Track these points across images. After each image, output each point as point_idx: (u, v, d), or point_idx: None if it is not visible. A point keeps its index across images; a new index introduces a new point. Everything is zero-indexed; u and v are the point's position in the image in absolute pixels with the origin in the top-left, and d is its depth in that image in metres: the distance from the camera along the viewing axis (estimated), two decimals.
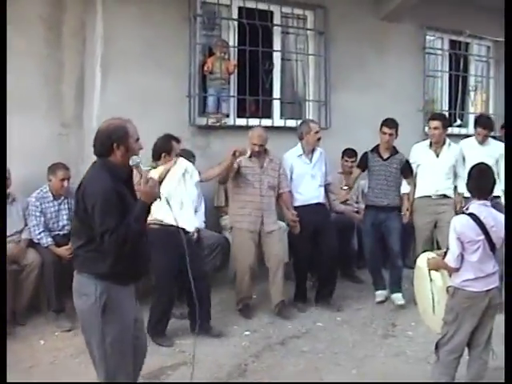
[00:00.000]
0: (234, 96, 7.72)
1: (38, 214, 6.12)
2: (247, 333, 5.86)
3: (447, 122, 6.96)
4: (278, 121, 8.07)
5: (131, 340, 3.64)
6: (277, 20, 8.04)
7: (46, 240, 6.05)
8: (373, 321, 6.26)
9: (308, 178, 6.67)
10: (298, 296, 6.74)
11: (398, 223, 6.84)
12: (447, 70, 9.60)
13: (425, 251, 5.08)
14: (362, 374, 4.97)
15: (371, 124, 6.98)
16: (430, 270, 4.50)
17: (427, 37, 9.18)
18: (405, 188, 6.95)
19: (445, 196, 6.77)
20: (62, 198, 6.26)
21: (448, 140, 6.83)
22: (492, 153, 6.68)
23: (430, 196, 6.76)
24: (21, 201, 6.16)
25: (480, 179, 4.23)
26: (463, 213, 4.18)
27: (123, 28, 6.92)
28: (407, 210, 6.87)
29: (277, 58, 8.11)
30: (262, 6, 7.81)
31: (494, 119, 7.85)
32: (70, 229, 3.76)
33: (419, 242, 6.83)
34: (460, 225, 4.07)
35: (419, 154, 6.91)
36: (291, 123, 7.97)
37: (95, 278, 3.48)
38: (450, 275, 4.24)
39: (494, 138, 7.37)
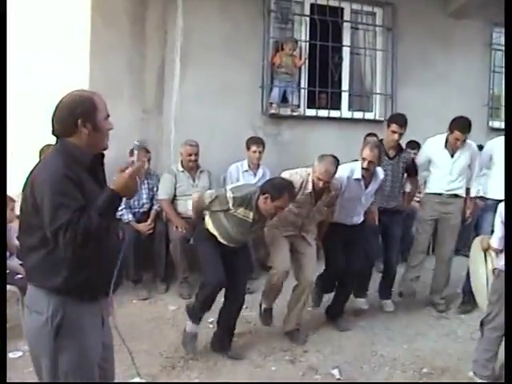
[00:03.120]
0: (304, 88, 8.10)
1: None
2: (309, 308, 6.12)
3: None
4: (345, 112, 8.39)
5: (95, 369, 2.85)
6: (347, 16, 8.33)
7: (128, 216, 6.59)
8: (428, 304, 6.51)
9: (355, 203, 5.73)
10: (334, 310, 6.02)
11: (400, 229, 6.51)
12: None
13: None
14: (412, 349, 5.30)
15: (436, 117, 7.16)
16: (484, 250, 4.78)
17: (494, 33, 9.25)
18: (406, 187, 6.71)
19: (455, 196, 6.41)
20: (143, 178, 6.64)
21: (467, 140, 6.30)
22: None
23: (440, 194, 6.43)
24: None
25: None
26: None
27: (202, 22, 7.34)
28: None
29: (346, 52, 8.40)
30: (333, 3, 8.09)
31: None
32: (18, 228, 2.80)
33: (421, 237, 6.59)
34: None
35: (433, 151, 6.49)
36: (358, 115, 8.35)
37: (48, 291, 2.70)
38: None
39: None
